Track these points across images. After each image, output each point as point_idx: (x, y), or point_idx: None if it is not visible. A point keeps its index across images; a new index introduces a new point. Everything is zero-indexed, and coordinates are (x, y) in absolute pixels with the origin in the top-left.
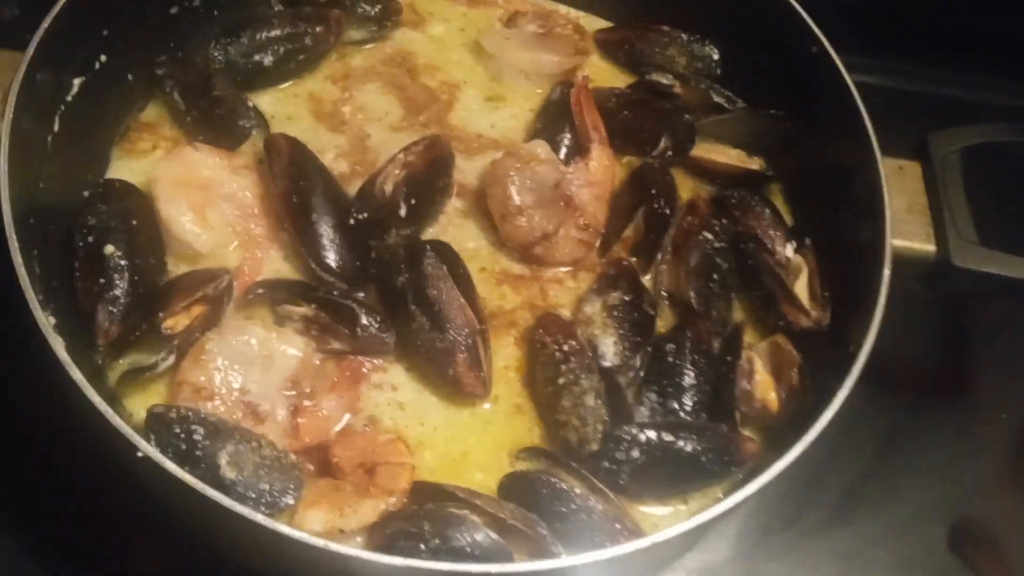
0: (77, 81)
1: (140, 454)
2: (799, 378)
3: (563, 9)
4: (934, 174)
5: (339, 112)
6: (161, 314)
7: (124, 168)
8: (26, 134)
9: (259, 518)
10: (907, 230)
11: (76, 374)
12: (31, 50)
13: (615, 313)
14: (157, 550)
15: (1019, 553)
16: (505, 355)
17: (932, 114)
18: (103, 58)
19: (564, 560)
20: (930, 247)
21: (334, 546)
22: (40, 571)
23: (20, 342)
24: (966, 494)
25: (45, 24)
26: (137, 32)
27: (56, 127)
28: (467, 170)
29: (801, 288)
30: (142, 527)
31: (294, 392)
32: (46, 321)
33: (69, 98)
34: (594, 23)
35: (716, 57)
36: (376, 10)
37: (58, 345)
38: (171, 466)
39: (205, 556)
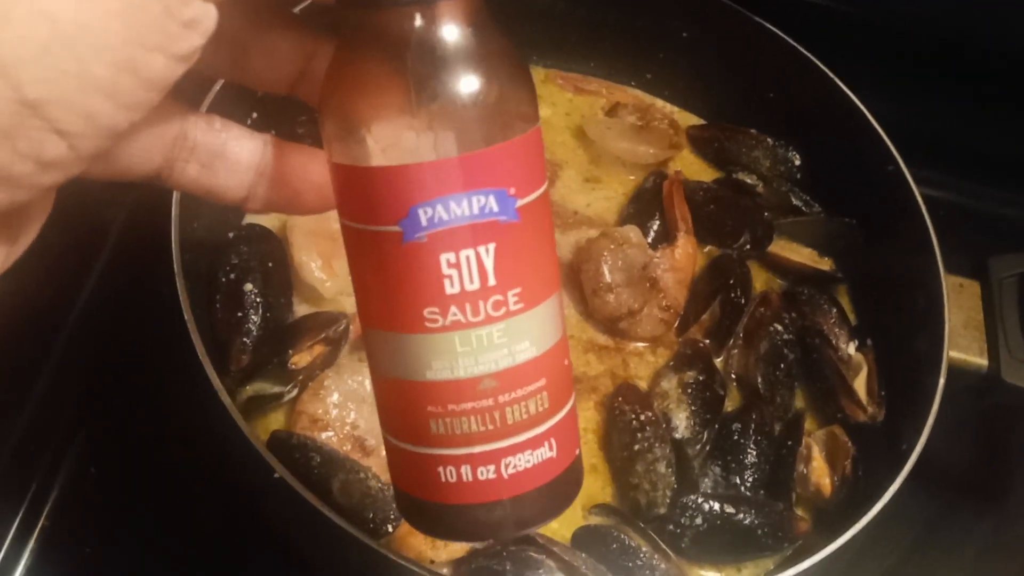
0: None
1: (276, 475)
2: (852, 468)
3: (660, 103)
4: (991, 294)
5: None
6: (290, 351)
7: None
8: None
9: (369, 541)
10: (962, 343)
11: (226, 399)
12: (204, 108)
13: (689, 390)
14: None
15: None
16: (585, 418)
17: (994, 236)
18: (254, 115)
19: None
20: (982, 361)
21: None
22: None
23: (171, 367)
24: None
25: (216, 87)
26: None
27: None
28: (562, 243)
29: (860, 385)
30: (257, 542)
31: None
32: (202, 347)
33: None
34: (688, 119)
35: (797, 163)
36: None
37: (211, 371)
38: (300, 488)
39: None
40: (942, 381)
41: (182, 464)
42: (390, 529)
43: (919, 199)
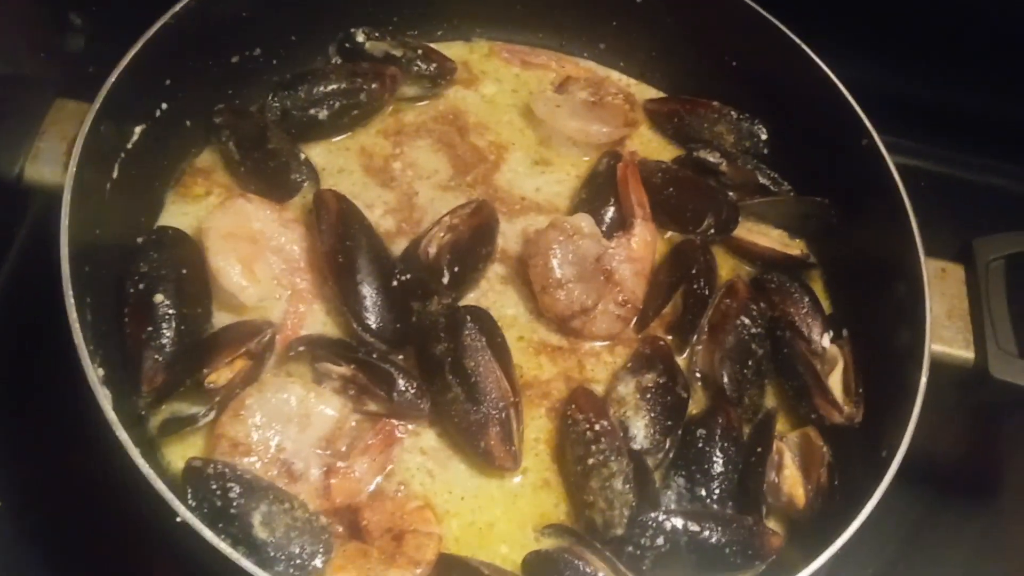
0: (138, 129)
1: (179, 519)
2: (827, 476)
3: (615, 76)
4: (977, 280)
5: (389, 168)
6: (205, 370)
7: (178, 212)
8: (88, 184)
9: None
10: (946, 335)
11: (122, 434)
12: (98, 103)
13: (648, 395)
14: None
15: None
16: (537, 427)
17: (978, 208)
18: (164, 106)
19: None
20: (968, 355)
21: None
22: None
23: (70, 388)
24: None
25: (112, 77)
26: (198, 81)
27: (115, 174)
28: (508, 233)
29: (835, 381)
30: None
31: (328, 452)
32: (96, 378)
33: (129, 145)
34: (645, 92)
35: (764, 137)
36: (431, 68)
37: (106, 404)
38: (208, 534)
39: None
40: (924, 378)
41: (79, 505)
42: (319, 564)
43: (896, 175)
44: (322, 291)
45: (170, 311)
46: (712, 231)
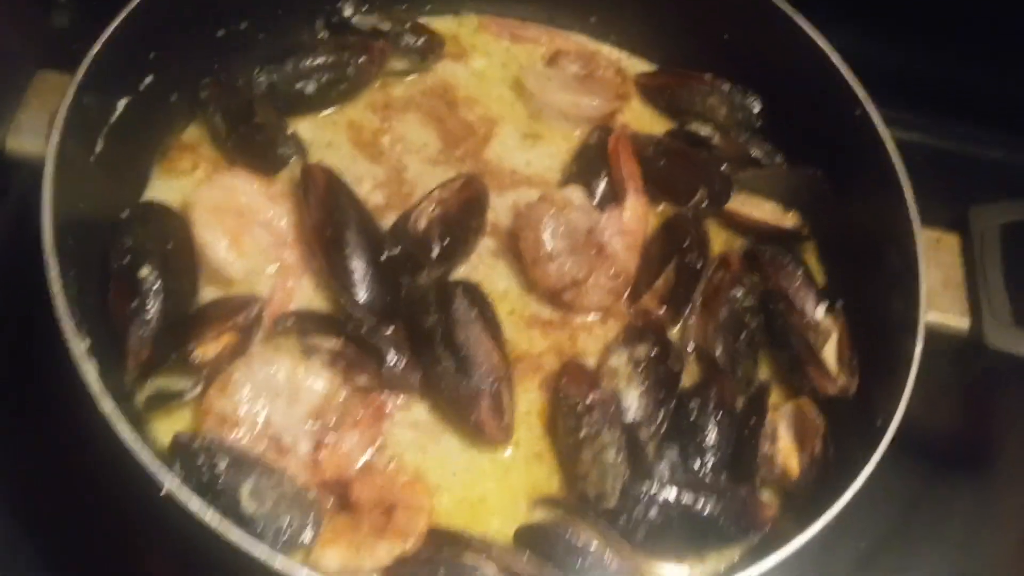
0: (122, 102)
1: (162, 492)
2: (822, 447)
3: (606, 50)
4: (972, 249)
5: (378, 142)
6: (192, 344)
7: (163, 187)
8: (70, 156)
9: (277, 564)
10: (941, 304)
11: (106, 406)
12: (80, 74)
13: (641, 367)
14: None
15: None
16: (528, 400)
17: (974, 180)
18: (149, 79)
19: None
20: (963, 325)
21: None
22: None
23: (55, 363)
24: (980, 568)
25: (95, 48)
26: (184, 54)
27: (99, 147)
28: (498, 207)
29: (830, 352)
30: (162, 554)
31: (318, 425)
32: (81, 349)
33: (113, 119)
34: (636, 65)
35: (757, 110)
36: (419, 42)
37: (91, 376)
38: (195, 505)
39: None
40: (919, 347)
41: (65, 483)
42: (309, 536)
43: (890, 145)
44: (310, 265)
45: (156, 285)
46: (705, 204)
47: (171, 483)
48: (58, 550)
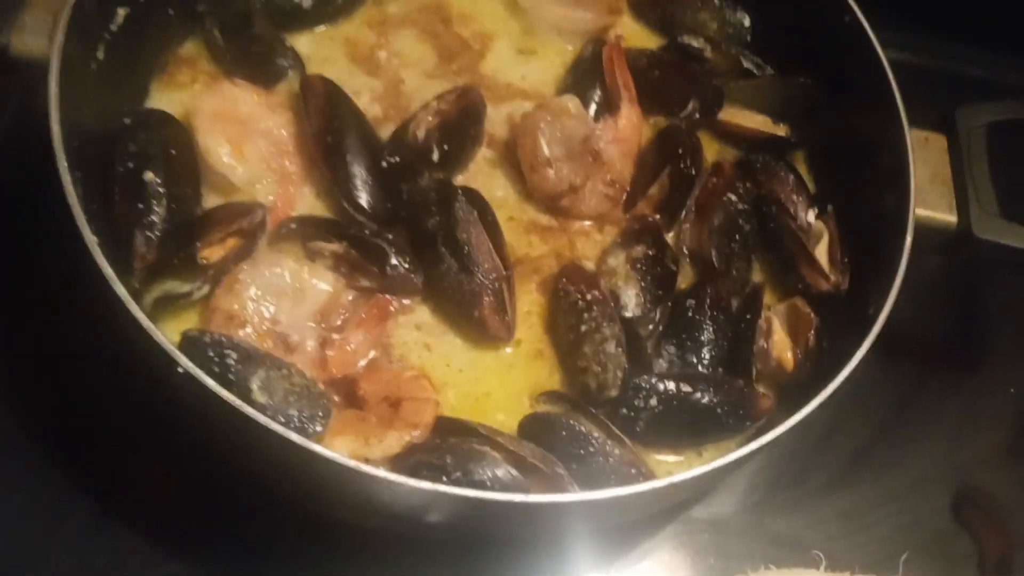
0: (122, 11)
1: (181, 370)
2: (815, 339)
3: None
4: (959, 147)
5: (375, 56)
6: (198, 244)
7: (163, 100)
8: (73, 58)
9: (294, 437)
10: (929, 200)
11: (120, 290)
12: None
13: (638, 266)
14: (185, 473)
15: (1018, 522)
16: (528, 300)
17: (959, 90)
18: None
19: (581, 495)
20: (951, 218)
21: (365, 468)
22: (69, 488)
23: (64, 262)
24: (970, 463)
25: None
26: None
27: (100, 55)
28: (495, 118)
29: (821, 253)
30: (173, 448)
31: (323, 325)
32: (92, 237)
33: (113, 27)
34: None
35: (747, 23)
36: None
37: (103, 261)
38: (210, 382)
39: (231, 480)
40: (909, 239)
41: (83, 375)
42: (319, 428)
43: (878, 50)
44: (311, 174)
45: (160, 189)
46: (697, 114)
47: (187, 363)
48: (68, 440)
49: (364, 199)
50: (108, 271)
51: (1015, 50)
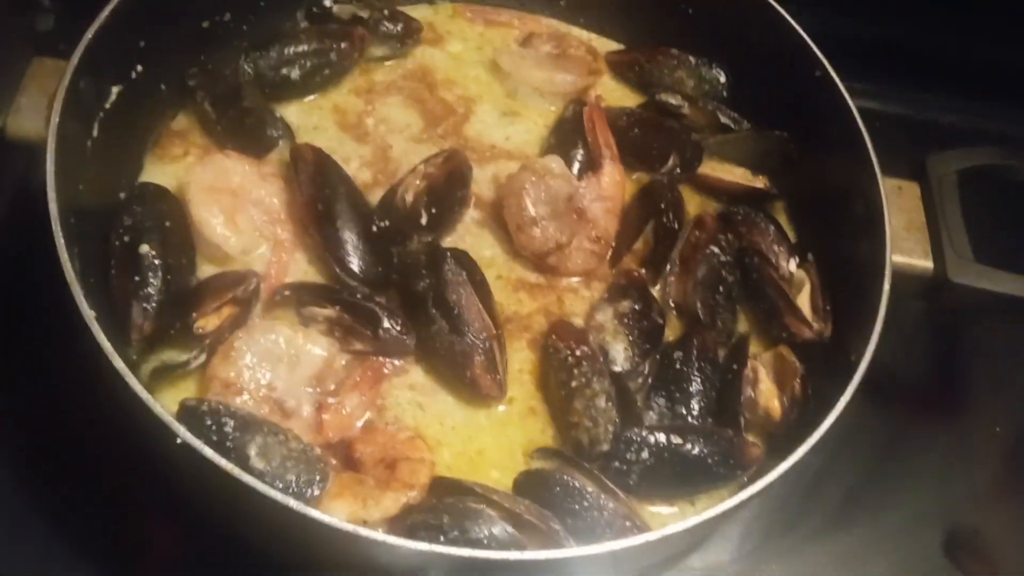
0: (115, 89)
1: (179, 440)
2: (801, 387)
3: (576, 31)
4: (932, 194)
5: (363, 123)
6: (194, 314)
7: (157, 172)
8: (69, 137)
9: (292, 503)
10: (906, 247)
11: (118, 363)
12: (75, 58)
13: (626, 320)
14: (183, 538)
15: (1010, 560)
16: (519, 358)
17: (930, 139)
18: (139, 68)
19: (577, 550)
20: (928, 263)
21: (363, 531)
22: (69, 554)
23: (61, 336)
24: (960, 502)
25: (88, 34)
26: (171, 44)
27: (95, 132)
28: (480, 179)
29: (804, 301)
30: (171, 515)
31: (319, 390)
32: (90, 312)
33: (108, 105)
34: (606, 45)
35: (723, 80)
36: (398, 28)
37: (101, 335)
38: (208, 452)
39: (228, 544)
40: (887, 286)
41: (75, 444)
42: (316, 492)
43: (849, 102)
44: (303, 241)
45: (156, 261)
46: (678, 169)
47: (185, 433)
48: (68, 510)
49: (355, 264)
50: (106, 345)
51: (984, 97)
